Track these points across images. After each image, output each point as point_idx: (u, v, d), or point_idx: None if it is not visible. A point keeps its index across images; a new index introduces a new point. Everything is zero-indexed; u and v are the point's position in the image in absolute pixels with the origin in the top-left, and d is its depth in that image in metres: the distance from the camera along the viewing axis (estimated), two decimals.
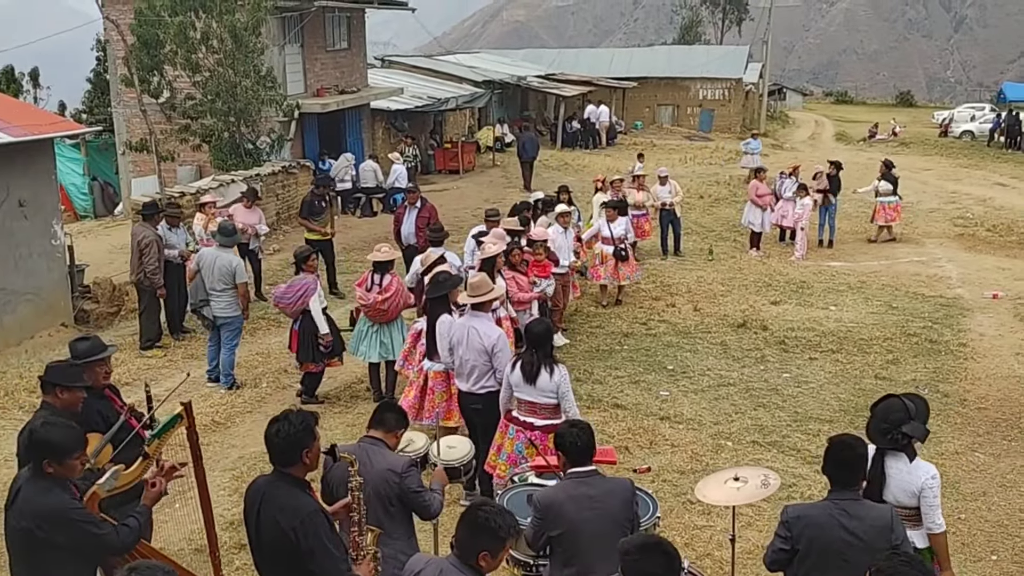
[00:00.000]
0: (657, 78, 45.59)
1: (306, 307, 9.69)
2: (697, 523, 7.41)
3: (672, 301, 14.19)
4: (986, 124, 42.86)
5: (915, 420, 4.93)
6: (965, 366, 11.22)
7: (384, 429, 5.15)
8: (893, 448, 4.94)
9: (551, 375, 6.56)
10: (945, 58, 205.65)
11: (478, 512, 3.92)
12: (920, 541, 5.01)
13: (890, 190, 18.46)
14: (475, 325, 7.33)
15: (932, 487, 4.89)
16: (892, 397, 5.09)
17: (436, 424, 6.95)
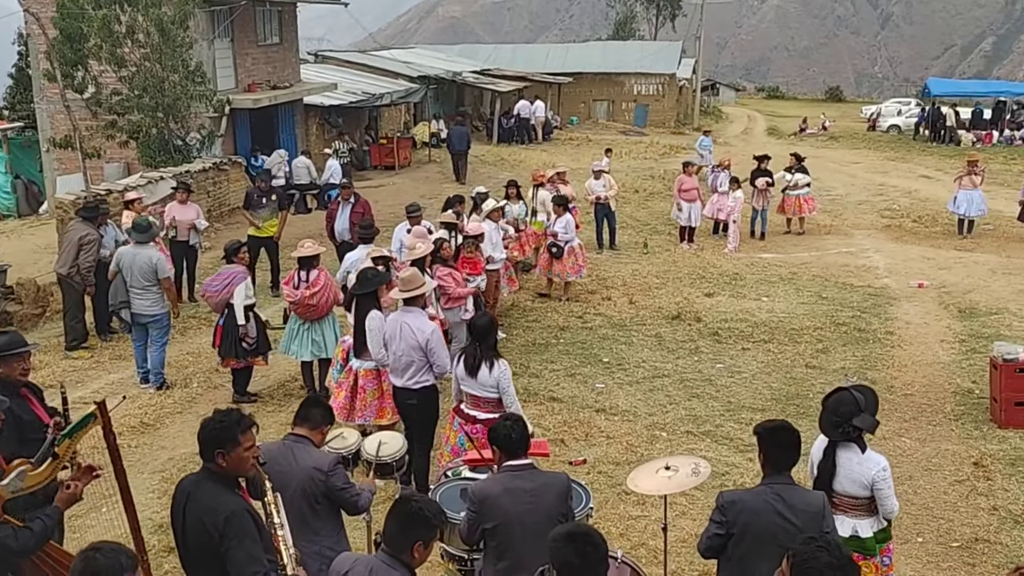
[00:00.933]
0: (592, 73, 45.85)
1: (231, 297, 9.52)
2: (632, 513, 7.45)
3: (608, 294, 14.27)
4: (912, 118, 43.90)
5: (865, 412, 5.03)
6: (892, 354, 11.46)
7: (309, 426, 5.08)
8: (845, 440, 5.04)
9: (491, 370, 6.55)
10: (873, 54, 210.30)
11: (409, 503, 3.89)
12: (865, 530, 5.11)
13: (806, 182, 18.88)
14: (408, 320, 7.27)
15: (884, 478, 5.04)
16: (842, 390, 5.18)
17: (368, 423, 6.89)
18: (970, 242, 18.16)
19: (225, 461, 4.22)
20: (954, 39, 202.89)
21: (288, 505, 4.78)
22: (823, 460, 5.01)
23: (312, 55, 36.36)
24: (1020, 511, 7.44)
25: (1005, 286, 14.49)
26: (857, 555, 5.05)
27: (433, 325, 7.40)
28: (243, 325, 9.59)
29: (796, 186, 18.77)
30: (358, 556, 4.08)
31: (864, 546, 5.10)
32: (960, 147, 35.45)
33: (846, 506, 5.04)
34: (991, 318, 12.75)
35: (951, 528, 7.27)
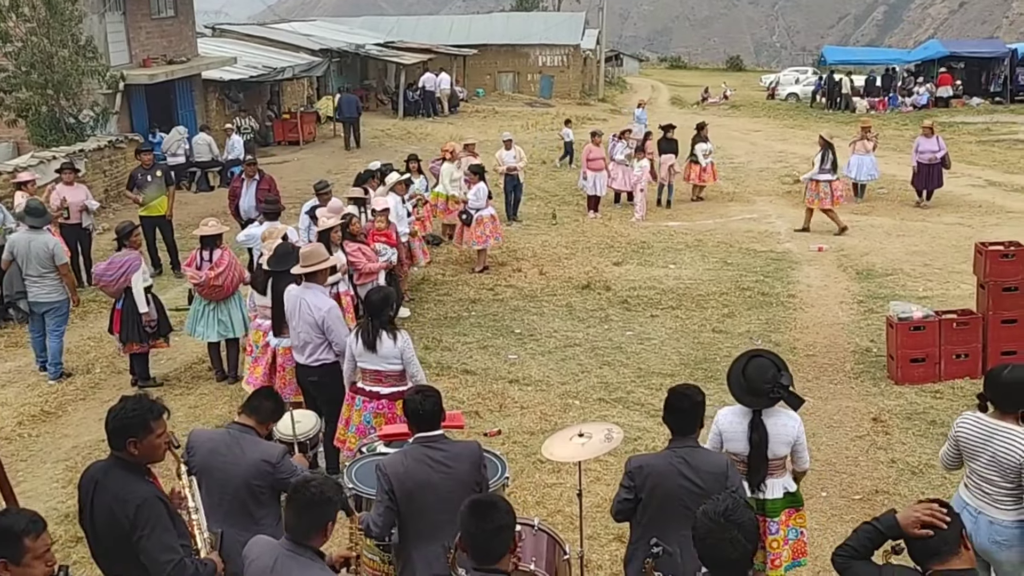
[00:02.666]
0: (497, 45, 45.71)
1: (128, 285, 9.25)
2: (547, 481, 7.53)
3: (518, 266, 14.33)
4: (809, 86, 45.09)
5: (783, 371, 5.13)
6: (794, 316, 11.80)
7: (257, 418, 5.00)
8: (771, 404, 5.09)
9: (394, 341, 6.49)
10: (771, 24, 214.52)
11: (306, 490, 3.84)
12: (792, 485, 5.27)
13: (709, 151, 19.32)
14: (306, 297, 7.13)
15: (802, 432, 5.20)
16: (756, 358, 5.19)
17: (289, 400, 6.80)
18: (866, 206, 18.75)
19: (137, 449, 4.11)
20: (848, 8, 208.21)
21: (231, 494, 4.73)
22: (754, 432, 5.04)
23: (210, 28, 35.36)
24: (916, 463, 7.76)
25: (899, 248, 15.03)
26: (791, 509, 5.23)
27: (331, 302, 7.25)
28: (146, 313, 9.33)
29: (706, 155, 19.17)
30: (267, 542, 4.01)
31: (796, 499, 5.28)
32: (855, 114, 36.50)
33: (774, 468, 5.14)
34: (887, 279, 13.22)
35: (853, 482, 7.54)
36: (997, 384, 4.84)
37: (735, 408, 5.18)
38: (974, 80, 40.40)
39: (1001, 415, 4.81)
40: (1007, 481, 4.72)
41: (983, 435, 4.80)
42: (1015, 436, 4.69)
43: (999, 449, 4.72)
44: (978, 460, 4.84)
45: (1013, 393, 4.76)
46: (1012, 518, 4.76)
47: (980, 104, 38.08)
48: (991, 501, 4.80)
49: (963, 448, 4.93)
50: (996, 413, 4.85)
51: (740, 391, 5.12)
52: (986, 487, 4.81)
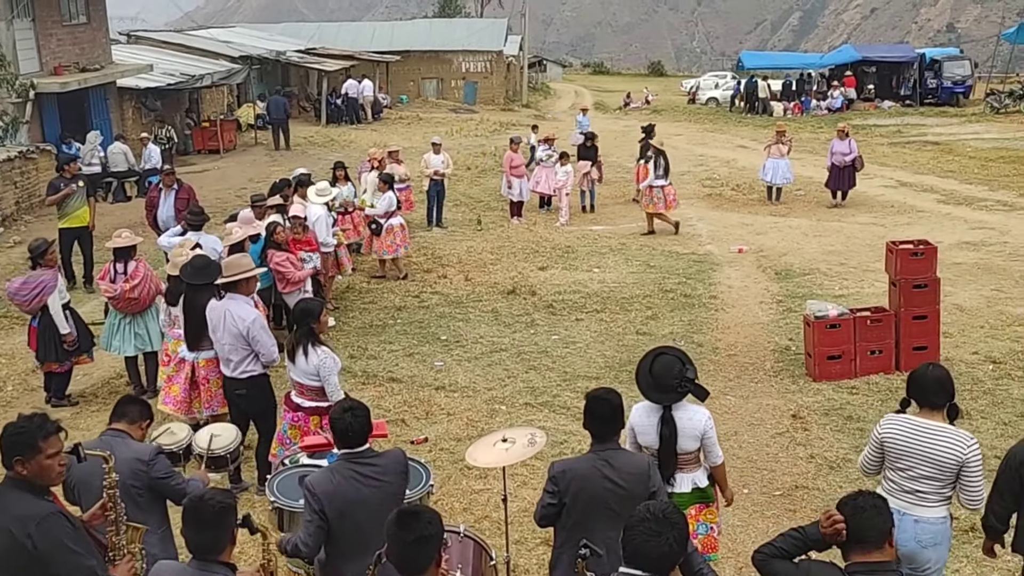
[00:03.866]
0: (420, 51, 45.67)
1: (44, 304, 8.98)
2: (474, 487, 7.54)
3: (444, 272, 14.31)
4: (728, 91, 45.91)
5: (688, 366, 5.21)
6: (716, 317, 12.00)
7: (127, 421, 4.92)
8: (679, 399, 5.17)
9: (306, 356, 6.37)
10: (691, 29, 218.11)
11: (203, 504, 3.78)
12: (702, 480, 5.33)
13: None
14: (230, 308, 7.01)
15: (711, 426, 5.26)
16: (662, 354, 5.27)
17: (217, 412, 6.68)
18: (784, 207, 19.18)
19: (25, 469, 3.97)
20: (765, 14, 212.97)
21: None
22: (665, 427, 5.12)
23: (124, 35, 34.59)
24: (834, 457, 7.96)
25: (816, 248, 15.40)
26: (701, 504, 5.31)
27: (255, 313, 7.14)
28: (68, 333, 9.04)
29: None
30: (174, 568, 3.93)
31: (705, 494, 5.34)
32: (773, 117, 37.30)
33: (684, 463, 5.22)
34: (804, 278, 13.53)
35: (773, 478, 7.70)
36: (922, 383, 4.91)
37: (645, 404, 5.25)
38: (885, 84, 41.63)
39: (928, 413, 4.88)
40: (941, 480, 4.79)
41: (914, 435, 4.84)
42: (950, 434, 4.78)
43: (935, 448, 4.77)
44: (908, 461, 4.86)
45: (938, 390, 4.86)
46: (939, 515, 4.86)
47: (891, 107, 39.25)
48: (919, 500, 4.85)
49: (890, 450, 4.94)
50: (922, 412, 4.91)
51: (648, 388, 5.20)
52: (916, 487, 4.85)
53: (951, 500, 4.91)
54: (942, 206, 18.79)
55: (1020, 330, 10.89)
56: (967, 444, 4.75)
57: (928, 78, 40.20)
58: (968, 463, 4.73)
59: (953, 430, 4.82)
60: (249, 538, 4.55)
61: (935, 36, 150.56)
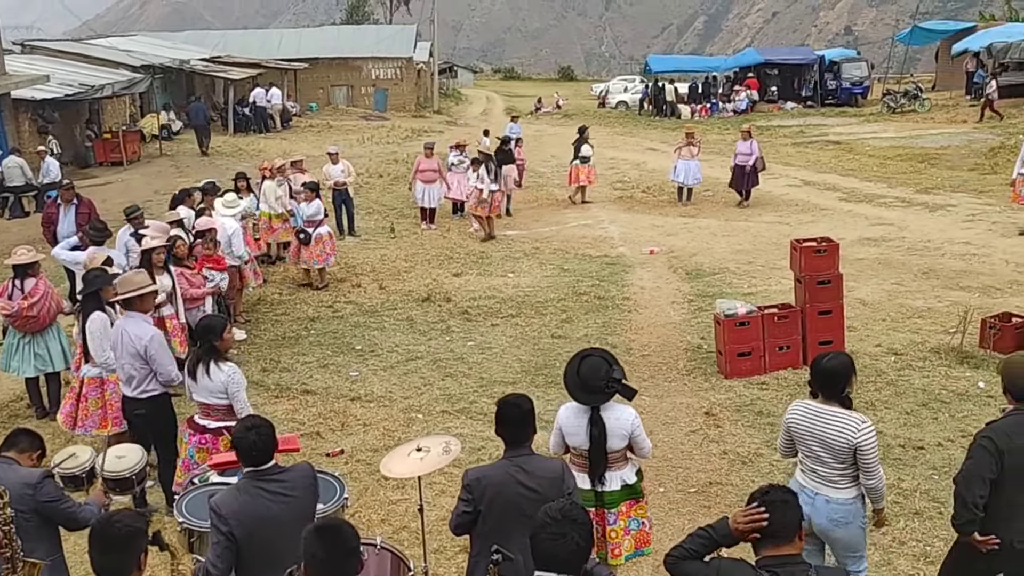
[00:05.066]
0: (329, 59, 45.24)
1: None
2: (392, 498, 7.46)
3: (357, 281, 14.18)
4: (637, 95, 46.63)
5: (614, 366, 5.26)
6: (630, 318, 12.14)
7: (17, 450, 4.80)
8: (607, 399, 5.23)
9: (211, 374, 6.18)
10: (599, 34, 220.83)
11: (109, 527, 3.66)
12: (630, 477, 5.38)
13: (590, 154, 20.07)
14: (127, 327, 6.78)
15: (638, 424, 5.33)
16: (589, 356, 5.32)
17: (90, 434, 6.45)
18: (693, 208, 19.54)
19: None
20: (671, 19, 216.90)
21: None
22: (594, 427, 5.16)
23: (19, 45, 33.44)
24: (746, 453, 8.11)
25: (725, 247, 15.72)
26: (631, 501, 5.37)
27: (153, 331, 6.91)
28: None
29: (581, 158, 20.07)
30: None
31: (635, 490, 5.40)
32: (681, 120, 38.02)
33: (612, 461, 5.27)
34: (714, 278, 13.79)
35: (688, 475, 7.81)
36: (820, 372, 5.10)
37: (573, 405, 5.30)
38: (787, 86, 42.79)
39: (826, 400, 5.08)
40: (839, 462, 4.97)
41: (812, 420, 5.05)
42: (843, 419, 4.96)
43: (829, 433, 4.97)
44: (810, 444, 5.07)
45: (834, 379, 5.04)
46: (847, 496, 5.04)
47: (794, 108, 40.35)
48: (826, 482, 5.05)
49: (795, 434, 5.16)
50: (822, 399, 5.12)
51: (576, 389, 5.26)
52: (820, 469, 5.05)
53: (858, 481, 5.06)
54: (844, 204, 19.37)
55: (919, 322, 11.27)
56: (859, 428, 4.92)
57: (828, 79, 41.46)
58: (861, 446, 4.90)
59: (847, 415, 4.99)
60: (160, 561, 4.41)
61: (834, 39, 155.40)
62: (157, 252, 9.04)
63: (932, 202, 18.97)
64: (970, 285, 12.76)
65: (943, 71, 43.26)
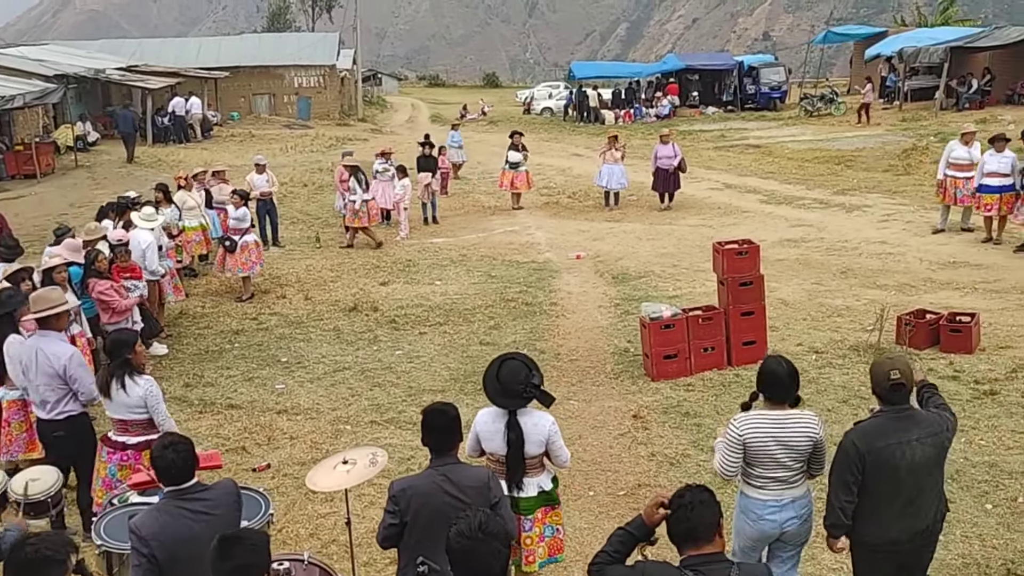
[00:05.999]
0: (250, 67, 44.60)
1: None
2: (321, 511, 7.37)
3: (282, 292, 13.99)
4: (561, 101, 46.93)
5: (534, 371, 5.25)
6: (557, 323, 12.19)
7: None
8: (525, 405, 5.24)
9: (127, 389, 6.05)
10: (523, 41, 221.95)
11: (21, 551, 3.55)
12: (547, 483, 5.40)
13: (517, 159, 20.17)
14: (42, 346, 6.56)
15: (556, 430, 5.33)
16: (509, 359, 5.34)
17: (17, 459, 6.23)
18: (618, 213, 19.74)
19: None
20: (594, 25, 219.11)
21: None
22: (511, 432, 5.17)
23: None
24: (674, 454, 8.20)
25: (650, 251, 15.89)
26: (547, 507, 5.37)
27: (71, 349, 6.72)
28: None
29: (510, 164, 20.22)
30: None
31: (551, 497, 5.42)
32: (605, 125, 38.40)
33: (529, 467, 5.28)
34: (640, 281, 13.93)
35: (617, 478, 7.86)
36: (776, 377, 5.03)
37: (491, 410, 5.31)
38: (708, 91, 43.52)
39: (776, 405, 5.06)
40: (798, 462, 5.01)
41: (773, 429, 4.98)
42: (800, 419, 5.01)
43: (793, 436, 4.96)
44: (773, 453, 4.98)
45: (791, 384, 5.03)
46: (806, 490, 5.16)
47: (715, 112, 41.04)
48: (789, 484, 5.06)
49: (753, 449, 4.99)
50: (769, 405, 5.08)
51: (495, 394, 5.28)
52: (781, 474, 5.03)
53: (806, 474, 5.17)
54: (765, 206, 19.76)
55: (839, 320, 11.54)
56: (818, 424, 5.04)
57: (747, 84, 42.29)
58: (820, 440, 5.02)
59: (800, 413, 5.07)
60: None
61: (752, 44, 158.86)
62: (58, 271, 8.77)
63: (849, 203, 19.46)
64: (886, 283, 13.11)
65: (857, 75, 44.47)
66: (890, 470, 4.71)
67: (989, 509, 6.90)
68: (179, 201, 14.24)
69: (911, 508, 4.79)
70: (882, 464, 4.71)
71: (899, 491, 4.76)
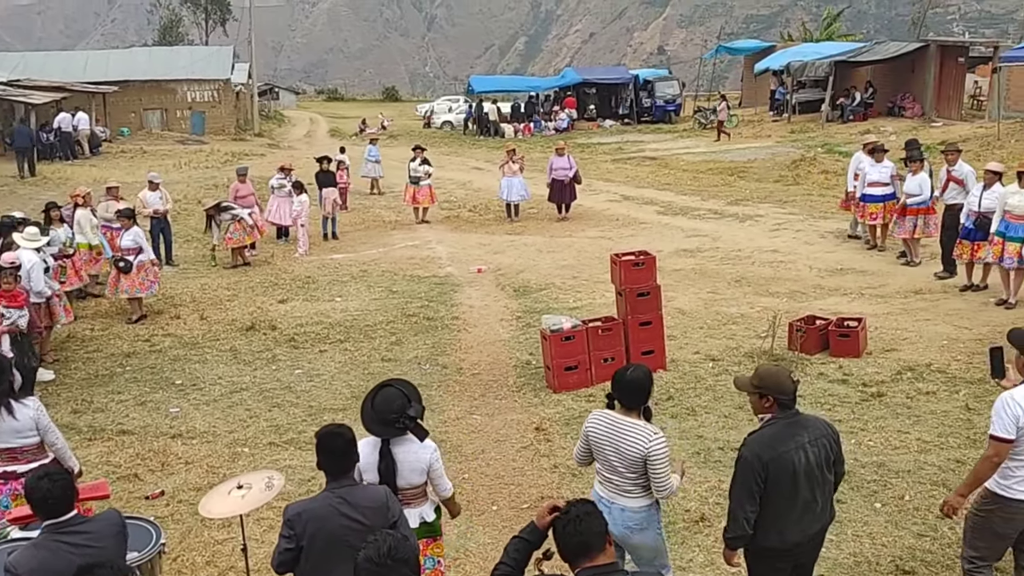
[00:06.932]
0: (140, 81, 43.42)
1: None
2: (218, 538, 7.16)
3: (176, 313, 13.62)
4: (461, 114, 47.05)
5: (413, 402, 5.13)
6: (459, 337, 12.16)
7: None
8: (400, 434, 5.07)
9: (15, 413, 5.81)
10: (422, 55, 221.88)
11: None
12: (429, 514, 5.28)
13: (426, 173, 20.35)
14: None
15: (436, 458, 5.17)
16: (386, 387, 5.19)
17: None
18: (519, 226, 19.86)
19: None
20: (492, 39, 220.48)
21: None
22: (382, 461, 5.02)
23: None
24: (576, 465, 8.21)
25: (550, 263, 16.02)
26: (428, 539, 5.27)
27: None
28: None
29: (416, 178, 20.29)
30: None
31: (433, 528, 5.30)
32: (504, 139, 38.62)
33: (410, 497, 5.15)
34: (541, 293, 14.02)
35: (521, 492, 7.87)
36: (621, 384, 5.21)
37: (370, 439, 5.15)
38: (605, 104, 44.24)
39: (626, 411, 5.19)
40: (631, 472, 5.09)
41: (610, 430, 5.15)
42: (637, 430, 5.09)
43: (624, 443, 5.08)
44: (607, 454, 5.17)
45: (634, 391, 5.17)
46: (640, 504, 5.17)
47: (612, 125, 41.73)
48: (621, 492, 5.16)
49: (593, 444, 5.25)
50: (622, 410, 5.22)
51: (369, 421, 5.12)
52: (615, 479, 5.16)
53: (650, 490, 5.20)
54: (662, 217, 20.15)
55: (734, 328, 11.81)
56: (650, 439, 5.05)
57: (643, 98, 43.14)
58: (651, 456, 5.04)
59: (641, 425, 5.12)
60: None
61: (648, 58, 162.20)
62: None
63: (742, 213, 19.99)
64: (778, 291, 13.49)
65: (748, 89, 45.84)
66: (790, 476, 4.83)
67: (878, 508, 7.12)
68: (81, 219, 13.80)
69: (809, 510, 4.92)
70: (782, 471, 4.83)
71: (798, 495, 4.88)
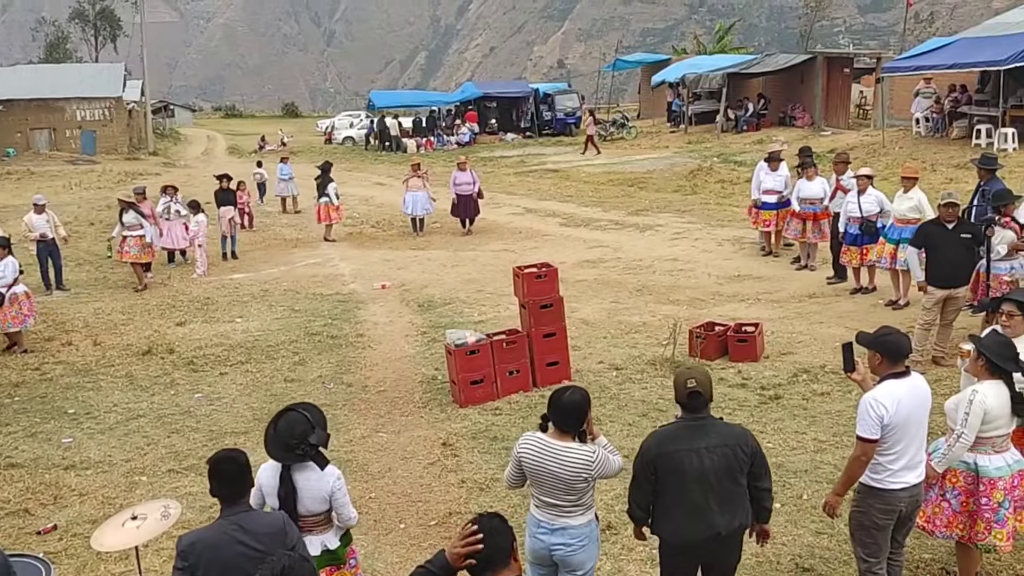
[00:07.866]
0: (26, 100, 41.94)
1: None
2: (115, 571, 6.93)
3: (68, 339, 13.16)
4: (363, 130, 46.75)
5: (316, 428, 5.04)
6: (364, 355, 12.04)
7: None
8: (301, 461, 4.97)
9: None
10: (322, 70, 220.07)
11: None
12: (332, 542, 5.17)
13: (334, 190, 20.33)
14: None
15: (340, 487, 5.07)
16: (290, 411, 5.08)
17: None
18: (423, 241, 19.81)
19: None
20: (393, 54, 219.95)
21: None
22: (281, 487, 4.92)
23: None
24: (483, 479, 8.23)
25: (455, 278, 16.01)
26: (331, 567, 5.16)
27: None
28: None
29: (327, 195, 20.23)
30: None
31: (336, 556, 5.19)
32: (407, 154, 38.51)
33: (311, 525, 5.05)
34: (446, 308, 13.99)
35: (428, 508, 7.81)
36: (557, 406, 5.10)
37: (272, 463, 5.05)
38: (507, 117, 44.54)
39: (560, 435, 5.10)
40: (570, 494, 5.04)
41: (544, 454, 5.05)
42: (573, 453, 5.02)
43: (562, 468, 4.99)
44: (541, 479, 5.07)
45: (570, 414, 5.08)
46: (583, 520, 5.13)
47: (514, 139, 42.02)
48: (563, 513, 5.09)
49: (526, 468, 5.13)
50: (556, 433, 5.12)
51: (271, 445, 5.02)
52: (555, 502, 5.08)
53: (592, 506, 5.22)
54: (564, 228, 20.35)
55: (637, 337, 11.98)
56: (591, 461, 5.01)
57: (544, 111, 43.56)
58: (596, 475, 5.03)
59: (576, 449, 5.04)
60: None
61: (548, 72, 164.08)
62: None
63: (642, 223, 20.33)
64: (679, 299, 13.75)
65: (646, 101, 46.74)
66: (678, 474, 4.92)
67: (778, 508, 7.28)
68: None
69: (698, 514, 4.97)
70: (671, 468, 4.93)
71: (686, 495, 4.95)
